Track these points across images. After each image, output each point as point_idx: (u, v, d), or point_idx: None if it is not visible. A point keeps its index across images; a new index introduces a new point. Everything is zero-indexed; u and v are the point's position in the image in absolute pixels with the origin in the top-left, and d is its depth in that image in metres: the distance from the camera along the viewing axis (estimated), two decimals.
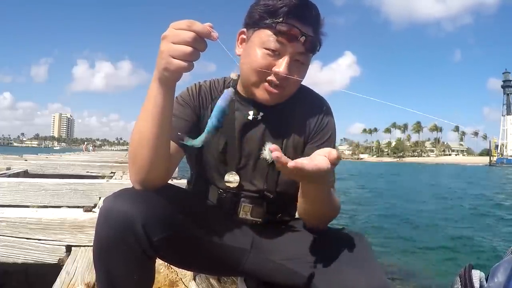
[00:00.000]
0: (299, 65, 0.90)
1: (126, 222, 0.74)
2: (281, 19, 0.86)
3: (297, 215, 1.02)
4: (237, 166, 0.96)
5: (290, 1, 0.86)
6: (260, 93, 0.92)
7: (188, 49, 0.68)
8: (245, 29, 0.94)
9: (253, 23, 0.91)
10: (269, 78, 0.89)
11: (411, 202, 11.25)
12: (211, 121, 0.75)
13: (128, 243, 0.75)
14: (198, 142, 0.77)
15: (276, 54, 0.88)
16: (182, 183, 1.15)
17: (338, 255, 0.82)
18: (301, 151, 0.99)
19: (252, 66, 0.89)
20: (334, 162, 0.71)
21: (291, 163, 0.67)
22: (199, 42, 0.69)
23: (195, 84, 1.01)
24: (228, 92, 0.76)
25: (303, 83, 0.97)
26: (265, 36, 0.87)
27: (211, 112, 0.97)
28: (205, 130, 0.76)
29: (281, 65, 0.87)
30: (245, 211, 0.96)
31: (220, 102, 0.75)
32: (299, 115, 1.00)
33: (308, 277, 0.85)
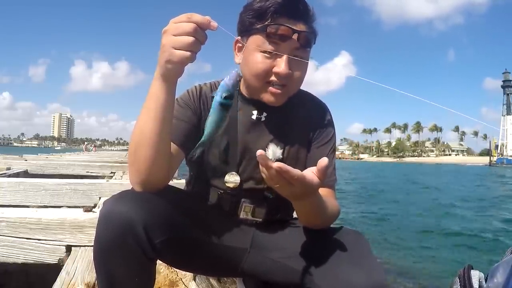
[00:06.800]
0: (299, 61, 0.91)
1: (127, 225, 0.74)
2: (269, 21, 0.86)
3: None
4: (238, 167, 0.96)
5: (275, 1, 0.86)
6: (267, 97, 0.93)
7: (190, 38, 0.69)
8: (239, 37, 0.95)
9: (245, 29, 0.92)
10: (271, 79, 0.90)
11: (411, 201, 11.25)
12: (214, 99, 0.72)
13: (129, 246, 0.74)
14: (205, 136, 0.75)
15: (273, 55, 0.88)
16: (182, 183, 1.15)
17: (337, 253, 0.82)
18: (304, 152, 1.00)
19: (252, 71, 0.90)
20: (323, 176, 0.70)
21: (276, 164, 0.66)
22: (200, 33, 0.70)
23: (195, 87, 1.01)
24: (234, 72, 0.74)
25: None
26: (259, 40, 0.88)
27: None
28: (210, 111, 0.73)
29: (281, 65, 0.88)
30: (246, 211, 0.97)
31: (225, 80, 0.73)
32: (301, 116, 1.01)
33: (307, 275, 0.86)
